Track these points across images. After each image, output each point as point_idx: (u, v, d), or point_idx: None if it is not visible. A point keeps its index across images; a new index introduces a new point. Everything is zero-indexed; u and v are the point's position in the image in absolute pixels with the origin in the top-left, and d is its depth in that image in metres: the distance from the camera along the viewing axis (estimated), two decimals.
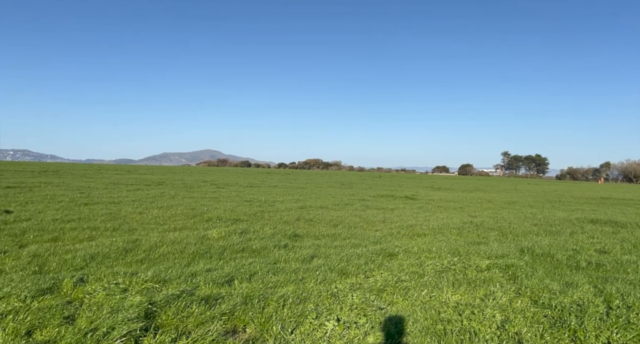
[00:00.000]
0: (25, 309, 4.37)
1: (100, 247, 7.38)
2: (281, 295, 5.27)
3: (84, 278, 5.50)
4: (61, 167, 44.68)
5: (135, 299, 4.77)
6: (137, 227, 9.73)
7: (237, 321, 4.57)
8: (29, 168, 39.02)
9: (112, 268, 6.20)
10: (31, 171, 34.91)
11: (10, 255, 6.64)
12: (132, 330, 4.03)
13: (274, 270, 6.52)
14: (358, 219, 13.17)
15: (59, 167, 44.30)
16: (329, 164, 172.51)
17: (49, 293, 4.93)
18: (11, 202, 12.91)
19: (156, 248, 7.62)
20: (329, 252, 7.99)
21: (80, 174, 34.01)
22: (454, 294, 5.69)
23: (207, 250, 7.74)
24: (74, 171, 37.62)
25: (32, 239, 7.93)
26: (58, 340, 3.77)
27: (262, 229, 10.15)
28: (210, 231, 9.54)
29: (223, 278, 5.93)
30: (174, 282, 5.60)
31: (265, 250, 8.12)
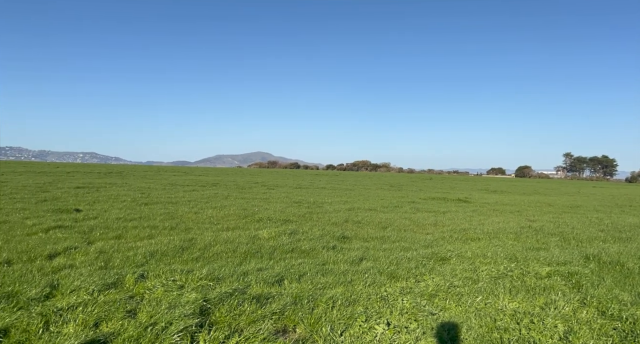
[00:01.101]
0: (93, 302, 4.68)
1: (159, 245, 7.76)
2: (330, 296, 5.27)
3: (144, 274, 5.81)
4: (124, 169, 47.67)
5: (191, 296, 4.96)
6: (193, 227, 10.14)
7: (287, 321, 4.63)
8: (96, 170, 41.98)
9: (169, 265, 6.50)
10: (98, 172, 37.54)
11: (80, 251, 7.15)
12: (188, 326, 4.20)
13: (322, 271, 6.54)
14: (408, 221, 12.92)
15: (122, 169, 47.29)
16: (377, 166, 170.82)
17: (113, 288, 5.26)
18: (80, 202, 13.92)
19: (210, 247, 7.90)
20: (378, 255, 7.90)
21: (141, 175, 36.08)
22: (511, 301, 5.42)
23: (258, 250, 7.92)
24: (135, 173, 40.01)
25: (99, 237, 8.50)
26: (122, 333, 4.01)
27: (310, 230, 10.23)
28: (261, 231, 9.75)
29: (273, 277, 6.03)
30: (227, 280, 5.78)
31: (314, 251, 8.17)
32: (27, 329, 3.96)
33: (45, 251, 6.93)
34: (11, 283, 5.17)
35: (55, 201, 13.88)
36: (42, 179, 24.31)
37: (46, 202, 13.40)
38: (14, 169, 35.99)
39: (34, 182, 21.38)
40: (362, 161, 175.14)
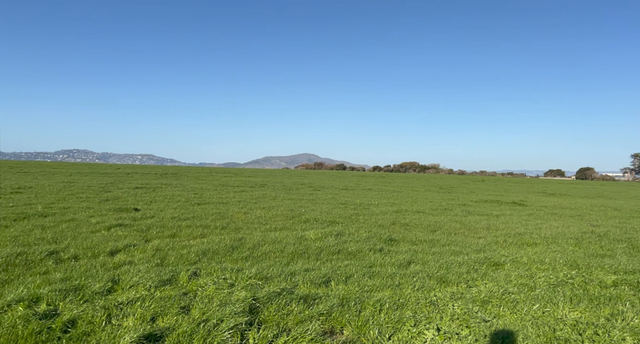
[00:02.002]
0: (150, 297, 4.92)
1: (211, 244, 8.04)
2: (377, 299, 5.21)
3: (197, 272, 6.04)
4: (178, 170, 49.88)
5: (241, 294, 5.09)
6: (242, 227, 10.41)
7: (335, 323, 4.62)
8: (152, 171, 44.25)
9: (220, 263, 6.71)
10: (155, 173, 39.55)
11: (138, 248, 7.55)
12: (238, 324, 4.30)
13: (369, 274, 6.48)
14: (458, 225, 12.52)
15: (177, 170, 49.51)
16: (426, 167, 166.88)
17: (168, 284, 5.50)
18: (139, 201, 14.72)
19: (259, 247, 8.07)
20: (426, 259, 7.71)
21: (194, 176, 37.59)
22: (572, 311, 5.09)
23: (304, 250, 7.98)
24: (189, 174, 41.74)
25: (155, 235, 8.93)
26: (176, 328, 4.18)
27: (357, 232, 10.17)
28: (307, 232, 9.83)
29: (320, 278, 6.05)
30: (275, 280, 5.87)
31: (361, 253, 8.11)
32: (92, 321, 4.23)
33: (107, 247, 7.39)
34: (78, 277, 5.55)
35: (116, 200, 14.77)
36: (104, 179, 25.98)
37: (108, 201, 14.30)
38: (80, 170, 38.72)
39: (97, 182, 22.89)
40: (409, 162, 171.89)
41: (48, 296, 4.72)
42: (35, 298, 4.68)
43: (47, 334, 3.92)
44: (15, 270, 5.88)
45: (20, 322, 4.06)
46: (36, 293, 4.78)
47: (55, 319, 4.19)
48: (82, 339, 3.90)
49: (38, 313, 4.30)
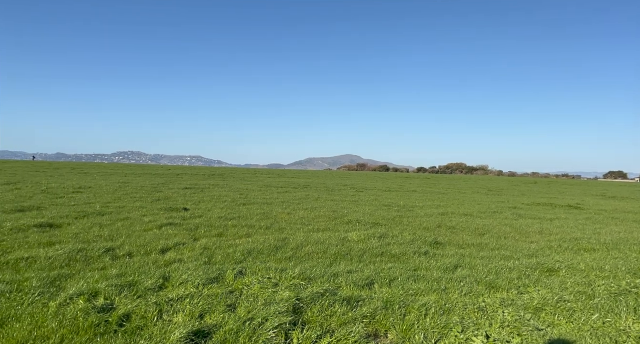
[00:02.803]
0: (198, 295, 5.09)
1: (256, 243, 8.20)
2: (423, 304, 5.09)
3: (242, 271, 6.17)
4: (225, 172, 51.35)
5: (285, 294, 5.15)
6: (286, 227, 10.54)
7: (379, 326, 4.57)
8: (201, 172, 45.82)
9: (265, 263, 6.82)
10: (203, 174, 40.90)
11: (187, 247, 7.84)
12: (283, 323, 4.35)
13: (414, 277, 6.35)
14: (509, 229, 12.01)
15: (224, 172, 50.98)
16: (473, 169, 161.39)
17: (215, 282, 5.66)
18: (188, 201, 15.29)
19: (302, 247, 8.13)
20: (474, 263, 7.45)
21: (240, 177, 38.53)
22: (636, 322, 4.74)
23: (347, 252, 7.96)
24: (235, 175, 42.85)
25: (203, 234, 9.24)
26: (223, 325, 4.29)
27: (401, 235, 10.01)
28: (350, 233, 9.79)
29: (363, 280, 6.01)
30: (318, 281, 5.89)
31: (405, 256, 7.97)
32: (145, 316, 4.43)
33: (158, 245, 7.72)
34: (132, 273, 5.84)
35: (167, 200, 15.42)
36: (156, 180, 27.20)
37: (160, 201, 14.96)
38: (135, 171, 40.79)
39: (150, 183, 24.00)
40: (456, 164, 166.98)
41: (105, 291, 5.00)
42: (94, 292, 4.97)
43: (105, 327, 4.15)
44: (77, 265, 6.28)
45: (81, 314, 4.33)
46: (95, 288, 5.07)
47: (111, 313, 4.43)
48: (136, 333, 4.09)
49: (97, 306, 4.57)
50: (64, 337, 3.92)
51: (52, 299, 4.75)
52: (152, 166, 60.45)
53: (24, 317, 4.26)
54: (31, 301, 4.66)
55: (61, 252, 6.68)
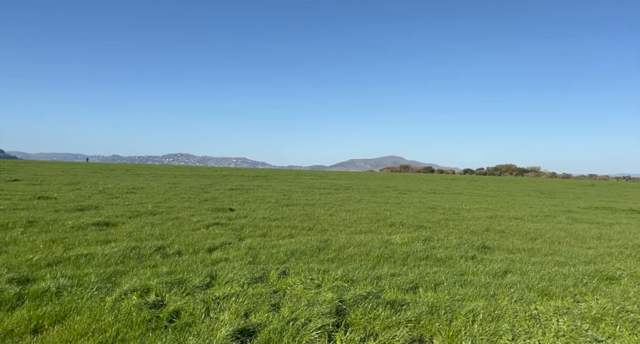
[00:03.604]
0: (243, 293, 5.20)
1: (298, 244, 8.27)
2: (470, 309, 4.93)
3: (285, 271, 6.25)
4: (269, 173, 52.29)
5: (327, 295, 5.15)
6: (328, 228, 10.56)
7: (423, 330, 4.47)
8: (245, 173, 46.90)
9: (308, 264, 6.86)
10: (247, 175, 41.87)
11: (233, 246, 8.04)
12: (326, 324, 4.36)
13: (460, 282, 6.16)
14: (563, 233, 11.38)
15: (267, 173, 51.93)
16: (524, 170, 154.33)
17: (259, 282, 5.77)
18: (233, 202, 15.69)
19: (344, 249, 8.11)
20: (525, 269, 7.12)
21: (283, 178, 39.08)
22: None
23: (390, 255, 7.85)
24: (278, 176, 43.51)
25: (248, 234, 9.44)
26: (267, 324, 4.36)
27: (446, 238, 9.74)
28: (393, 236, 9.65)
29: (407, 284, 5.90)
30: (360, 283, 5.85)
31: (451, 260, 7.75)
32: (193, 313, 4.59)
33: (206, 244, 7.97)
34: (181, 271, 6.07)
35: (214, 200, 15.91)
36: (204, 181, 28.14)
37: (207, 201, 15.45)
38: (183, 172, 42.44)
39: (197, 184, 24.87)
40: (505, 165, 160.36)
41: (156, 288, 5.22)
42: (146, 288, 5.21)
43: (156, 322, 4.34)
44: (130, 262, 6.60)
45: (134, 310, 4.55)
46: (147, 284, 5.31)
47: (162, 309, 4.62)
48: (185, 329, 4.24)
49: (148, 302, 4.78)
50: (119, 331, 4.13)
51: (108, 294, 5.02)
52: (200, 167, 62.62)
53: (83, 310, 4.54)
54: (90, 296, 4.95)
55: (116, 250, 7.05)
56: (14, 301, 4.67)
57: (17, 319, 4.24)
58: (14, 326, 4.12)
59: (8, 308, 4.52)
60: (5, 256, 6.53)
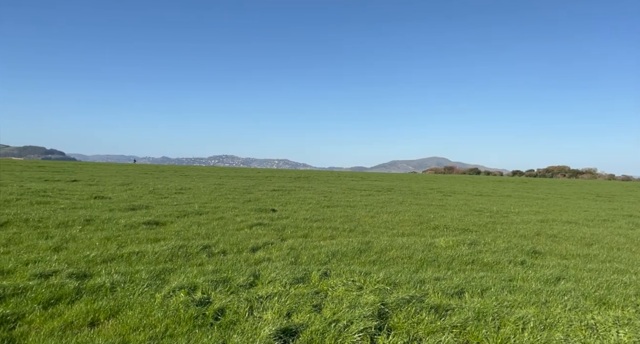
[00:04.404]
0: (285, 293, 5.26)
1: (339, 246, 8.25)
2: (520, 317, 4.71)
3: (327, 272, 6.25)
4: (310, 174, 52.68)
5: (369, 298, 5.10)
6: (369, 230, 10.47)
7: (470, 337, 4.32)
8: (287, 175, 47.53)
9: (349, 265, 6.83)
10: (289, 177, 42.40)
11: (275, 246, 8.15)
12: (368, 327, 4.31)
13: (509, 288, 5.91)
14: (623, 239, 10.65)
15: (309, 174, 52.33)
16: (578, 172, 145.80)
17: (301, 282, 5.81)
18: (275, 203, 15.93)
19: (386, 251, 8.01)
20: (581, 276, 6.72)
21: (324, 180, 39.23)
22: None
23: (434, 258, 7.66)
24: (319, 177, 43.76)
25: (290, 234, 9.54)
26: (309, 325, 4.38)
27: (493, 242, 9.39)
28: (437, 239, 9.42)
29: (452, 288, 5.74)
30: (403, 286, 5.75)
31: (498, 265, 7.46)
32: (237, 312, 4.69)
33: (249, 244, 8.14)
34: (226, 270, 6.22)
35: (257, 201, 16.22)
36: (247, 182, 28.78)
37: (250, 202, 15.78)
38: (228, 174, 43.62)
39: (241, 185, 25.48)
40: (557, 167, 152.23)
41: (202, 286, 5.38)
42: (192, 286, 5.39)
43: (202, 319, 4.47)
44: (178, 261, 6.85)
45: (182, 306, 4.72)
46: (193, 282, 5.49)
47: (208, 307, 4.76)
48: (230, 327, 4.34)
49: (195, 299, 4.94)
50: (168, 326, 4.29)
51: (157, 291, 5.24)
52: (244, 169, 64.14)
53: (135, 306, 4.76)
54: (141, 292, 5.19)
55: (165, 248, 7.35)
56: (73, 295, 4.98)
57: (76, 312, 4.51)
58: (73, 319, 4.38)
59: (68, 301, 4.82)
60: (65, 252, 6.97)
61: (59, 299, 4.84)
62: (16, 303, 4.66)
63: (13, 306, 4.59)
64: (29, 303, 4.67)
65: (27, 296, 4.85)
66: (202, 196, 17.20)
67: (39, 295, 4.86)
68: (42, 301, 4.74)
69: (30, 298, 4.79)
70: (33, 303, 4.69)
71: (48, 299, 4.80)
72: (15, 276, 5.57)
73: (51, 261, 6.31)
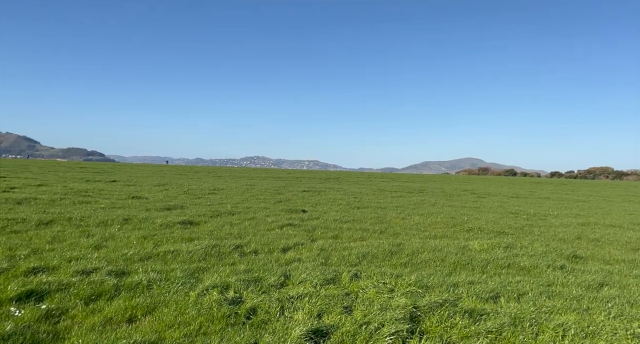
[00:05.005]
0: (316, 294, 5.26)
1: (370, 247, 8.19)
2: (559, 323, 4.53)
3: (357, 274, 6.22)
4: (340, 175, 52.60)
5: (401, 300, 5.03)
6: (400, 232, 10.34)
7: (505, 343, 4.18)
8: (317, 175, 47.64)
9: (379, 267, 6.77)
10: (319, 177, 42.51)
11: (305, 247, 8.18)
12: (399, 330, 4.26)
13: (547, 293, 5.70)
14: None
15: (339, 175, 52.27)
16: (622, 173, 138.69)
17: (332, 283, 5.80)
18: (306, 204, 16.00)
19: (418, 254, 7.88)
20: (626, 282, 6.39)
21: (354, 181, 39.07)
22: None
23: (468, 261, 7.48)
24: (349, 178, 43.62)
25: (320, 235, 9.56)
26: (340, 326, 4.36)
27: (531, 246, 9.07)
28: (471, 241, 9.19)
29: (487, 293, 5.58)
30: (435, 289, 5.64)
31: (536, 269, 7.20)
32: (269, 311, 4.74)
33: (280, 244, 8.21)
34: (257, 269, 6.30)
35: (287, 202, 16.35)
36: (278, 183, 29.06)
37: (281, 203, 15.93)
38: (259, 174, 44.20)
39: (272, 186, 25.75)
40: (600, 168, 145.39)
41: (235, 285, 5.47)
42: (225, 285, 5.48)
43: (234, 318, 4.54)
44: (211, 260, 7.00)
45: (215, 305, 4.81)
46: (226, 281, 5.59)
47: (240, 306, 4.83)
48: (261, 326, 4.39)
49: (227, 298, 5.02)
50: (202, 324, 4.39)
51: (191, 289, 5.36)
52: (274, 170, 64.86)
53: (170, 303, 4.89)
54: (175, 290, 5.33)
55: (199, 247, 7.52)
56: (112, 292, 5.17)
57: (115, 309, 4.68)
58: (112, 315, 4.55)
59: (107, 298, 5.01)
60: (105, 250, 7.26)
61: (99, 296, 5.04)
62: (60, 298, 4.89)
63: (58, 301, 4.82)
64: (72, 299, 4.88)
65: (70, 291, 5.08)
66: (235, 197, 17.50)
67: (81, 291, 5.07)
68: (84, 297, 4.95)
69: (73, 294, 5.01)
70: (75, 298, 4.90)
71: (89, 295, 5.01)
72: (59, 272, 5.84)
73: (92, 258, 6.58)
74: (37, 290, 5.03)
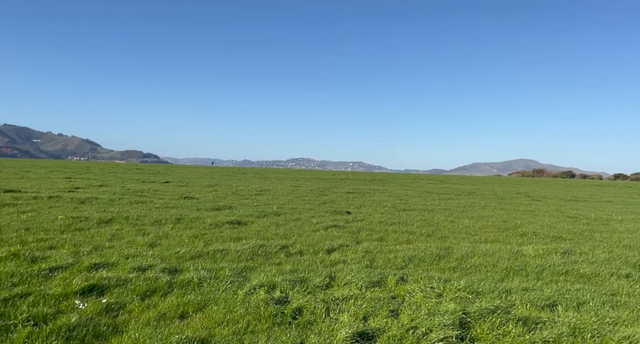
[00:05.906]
0: (361, 297, 5.22)
1: (417, 251, 8.02)
2: (625, 336, 4.22)
3: (404, 277, 6.10)
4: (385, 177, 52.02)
5: (450, 306, 4.88)
6: (449, 236, 10.05)
7: None
8: (362, 177, 47.41)
9: (427, 271, 6.61)
10: (364, 179, 42.26)
11: (350, 249, 8.15)
12: (448, 336, 4.13)
13: (611, 303, 5.32)
14: None
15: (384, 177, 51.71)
16: None
17: (377, 286, 5.73)
18: (350, 205, 15.96)
19: (467, 258, 7.62)
20: None
21: (400, 182, 38.48)
22: None
23: (522, 267, 7.14)
24: (394, 180, 43.02)
25: (364, 237, 9.49)
26: (386, 330, 4.30)
27: (591, 252, 8.51)
28: (524, 246, 8.77)
29: (543, 300, 5.30)
30: (487, 295, 5.42)
31: (598, 277, 6.74)
32: (314, 312, 4.76)
33: (325, 246, 8.23)
34: (302, 270, 6.35)
35: (332, 203, 16.38)
36: (322, 184, 29.20)
37: (325, 204, 15.98)
38: (304, 176, 44.64)
39: (317, 187, 25.91)
40: None
41: (281, 285, 5.55)
42: (271, 284, 5.57)
43: (281, 318, 4.60)
44: (258, 259, 7.14)
45: (262, 304, 4.90)
46: (272, 281, 5.68)
47: (286, 306, 4.89)
48: (307, 327, 4.42)
49: (274, 298, 5.10)
50: (249, 323, 4.48)
51: (239, 288, 5.49)
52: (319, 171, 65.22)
53: (219, 301, 5.04)
54: (224, 288, 5.48)
55: (246, 247, 7.70)
56: (165, 289, 5.41)
57: (169, 305, 4.89)
58: (166, 310, 4.76)
59: (161, 294, 5.24)
60: (159, 248, 7.61)
61: (153, 292, 5.28)
62: (119, 294, 5.17)
63: (116, 296, 5.10)
64: (129, 294, 5.16)
65: (127, 287, 5.36)
66: (280, 198, 17.77)
67: (137, 287, 5.34)
68: (140, 292, 5.21)
69: (130, 289, 5.29)
70: (132, 294, 5.17)
71: (145, 291, 5.27)
72: (117, 268, 6.19)
73: (147, 256, 6.92)
74: (98, 285, 5.35)
